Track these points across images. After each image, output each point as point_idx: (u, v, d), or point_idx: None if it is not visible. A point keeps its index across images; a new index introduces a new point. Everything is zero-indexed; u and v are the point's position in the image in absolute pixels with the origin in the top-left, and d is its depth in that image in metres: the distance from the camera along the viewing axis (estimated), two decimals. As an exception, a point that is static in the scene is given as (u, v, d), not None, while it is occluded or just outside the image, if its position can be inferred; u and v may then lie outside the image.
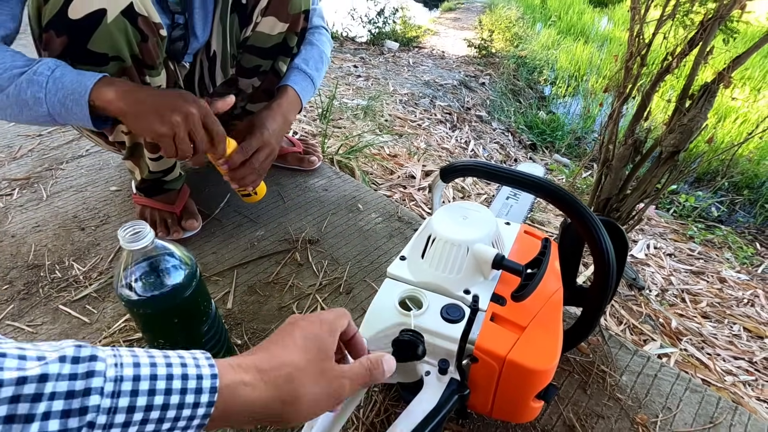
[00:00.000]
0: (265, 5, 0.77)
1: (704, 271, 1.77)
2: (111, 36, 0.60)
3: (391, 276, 0.56)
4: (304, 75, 0.85)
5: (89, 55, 0.60)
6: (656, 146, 1.29)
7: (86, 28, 0.58)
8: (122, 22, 0.60)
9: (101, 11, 0.58)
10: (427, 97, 2.93)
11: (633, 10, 1.31)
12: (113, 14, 0.59)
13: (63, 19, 0.57)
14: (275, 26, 0.79)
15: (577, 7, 5.97)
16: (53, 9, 0.56)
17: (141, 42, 0.64)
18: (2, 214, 0.91)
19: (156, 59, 0.68)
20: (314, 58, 0.87)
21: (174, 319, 0.49)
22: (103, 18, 0.58)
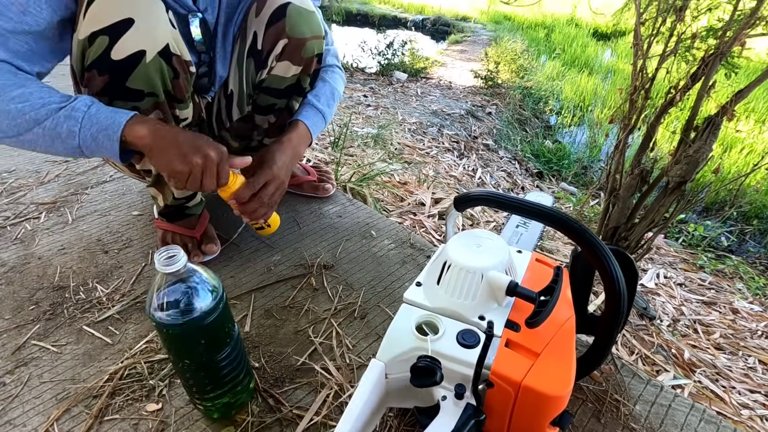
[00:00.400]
0: (280, 51, 0.80)
1: (716, 302, 1.76)
2: (148, 75, 0.65)
3: (407, 301, 0.57)
4: (316, 110, 0.88)
5: (127, 92, 0.66)
6: (663, 176, 1.31)
7: (126, 68, 0.63)
8: (159, 61, 0.65)
9: (141, 52, 0.63)
10: (435, 126, 3.00)
11: (636, 46, 1.36)
12: (151, 55, 0.64)
13: (106, 60, 0.62)
14: (289, 69, 0.82)
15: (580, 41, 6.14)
16: (97, 51, 0.61)
17: (173, 79, 0.69)
18: (30, 236, 0.94)
19: (185, 94, 0.73)
20: (326, 95, 0.90)
21: (201, 340, 0.51)
22: (142, 58, 0.63)
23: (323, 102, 0.89)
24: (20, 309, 0.76)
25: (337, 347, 0.71)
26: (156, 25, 0.63)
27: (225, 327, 0.53)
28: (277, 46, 0.80)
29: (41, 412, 0.61)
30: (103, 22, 0.60)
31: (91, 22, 0.60)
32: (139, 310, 0.77)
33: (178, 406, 0.62)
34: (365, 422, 0.51)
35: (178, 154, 0.63)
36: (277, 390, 0.64)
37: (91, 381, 0.65)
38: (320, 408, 0.62)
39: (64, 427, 0.59)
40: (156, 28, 0.63)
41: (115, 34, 0.60)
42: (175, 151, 0.63)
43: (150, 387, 0.64)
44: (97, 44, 0.61)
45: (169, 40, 0.65)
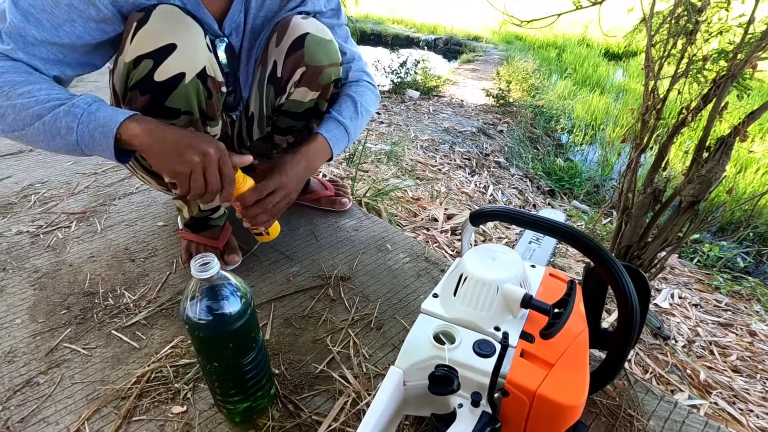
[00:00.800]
0: (298, 78, 0.84)
1: (733, 324, 1.73)
2: (187, 95, 0.70)
3: (425, 312, 0.60)
4: (337, 123, 0.88)
5: (166, 110, 0.70)
6: (676, 195, 1.32)
7: (167, 89, 0.68)
8: (196, 83, 0.70)
9: (181, 74, 0.68)
10: (447, 143, 3.04)
11: (647, 68, 1.39)
12: (190, 77, 0.69)
13: (149, 81, 0.67)
14: (307, 95, 0.86)
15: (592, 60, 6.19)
16: (142, 73, 0.66)
17: (207, 98, 0.74)
18: (61, 244, 0.99)
19: (216, 112, 0.78)
20: (349, 109, 0.90)
21: (229, 343, 0.53)
22: (182, 80, 0.68)
23: (346, 116, 0.89)
24: (53, 313, 0.80)
25: (355, 356, 0.74)
26: (196, 50, 0.68)
27: (252, 332, 0.56)
28: (295, 74, 0.84)
29: (73, 411, 0.63)
30: (149, 47, 0.65)
31: (138, 46, 0.65)
32: (165, 317, 0.80)
33: (202, 409, 0.64)
34: (383, 428, 0.52)
35: (175, 153, 0.63)
36: (296, 396, 0.66)
37: (120, 383, 0.67)
38: (338, 415, 0.64)
39: (94, 426, 0.61)
40: (196, 53, 0.68)
41: (159, 58, 0.66)
42: (171, 151, 0.63)
43: (175, 390, 0.66)
44: (141, 67, 0.66)
45: (206, 63, 0.70)
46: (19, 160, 1.36)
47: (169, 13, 0.66)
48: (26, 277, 0.89)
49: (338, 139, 0.87)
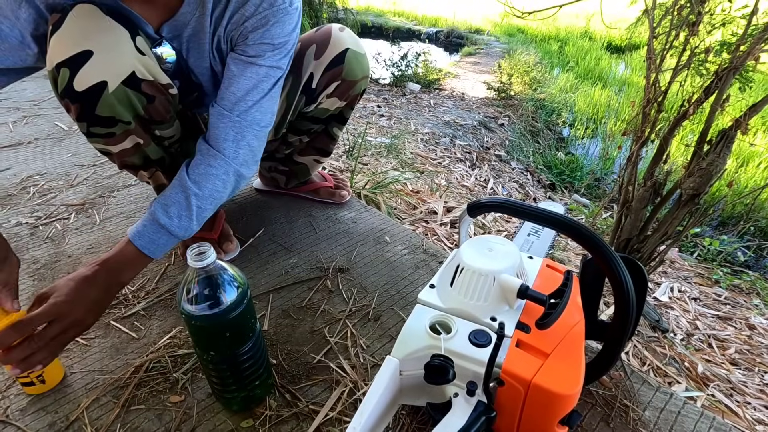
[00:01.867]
0: (332, 91, 0.86)
1: (732, 317, 1.73)
2: (112, 105, 0.66)
3: (421, 302, 0.60)
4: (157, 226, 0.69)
5: (98, 119, 0.68)
6: (676, 189, 1.32)
7: (91, 98, 0.64)
8: (123, 91, 0.66)
9: (102, 83, 0.63)
10: (448, 136, 3.03)
11: (649, 60, 1.38)
12: (114, 85, 0.64)
13: (71, 90, 0.63)
14: (335, 104, 0.88)
15: (594, 54, 6.15)
16: (63, 82, 0.62)
17: (147, 104, 0.70)
18: (60, 235, 0.99)
19: (165, 114, 0.74)
20: (178, 205, 0.70)
21: (226, 333, 0.54)
22: (105, 89, 0.64)
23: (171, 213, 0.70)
24: (52, 303, 0.80)
25: (352, 347, 0.74)
26: (117, 56, 0.63)
27: (249, 322, 0.56)
28: (330, 87, 0.85)
29: (72, 400, 0.64)
30: (63, 55, 0.60)
31: (54, 53, 0.61)
32: (163, 308, 0.81)
33: (199, 399, 0.64)
34: (379, 417, 0.53)
35: None
36: (293, 386, 0.67)
37: (118, 373, 0.68)
38: (335, 404, 0.64)
39: (93, 415, 0.62)
40: (117, 59, 0.63)
41: (75, 66, 0.61)
42: None
43: (173, 380, 0.67)
44: (61, 75, 0.62)
45: (135, 67, 0.65)
46: (17, 152, 1.36)
47: (87, 14, 0.61)
48: (25, 268, 0.89)
49: (156, 241, 0.69)
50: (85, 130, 0.70)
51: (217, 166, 0.73)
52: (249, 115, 0.74)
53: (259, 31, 0.71)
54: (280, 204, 1.14)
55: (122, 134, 0.71)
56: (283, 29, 0.72)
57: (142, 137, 0.74)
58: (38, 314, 0.56)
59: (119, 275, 0.67)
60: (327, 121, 0.90)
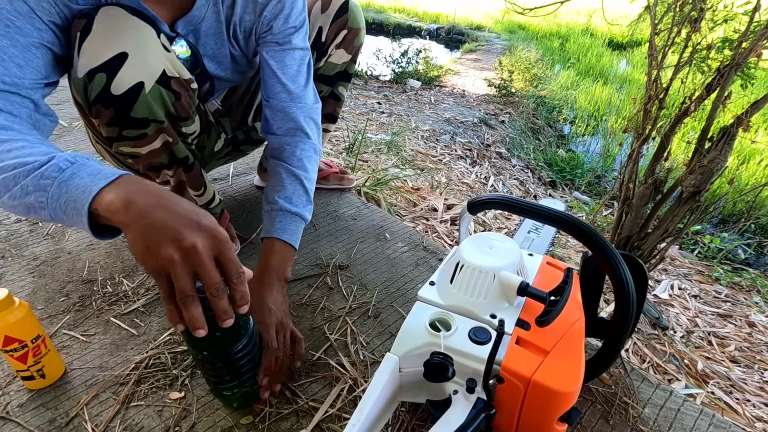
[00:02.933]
0: (341, 40, 0.89)
1: (732, 315, 1.73)
2: (150, 105, 0.66)
3: (421, 299, 0.60)
4: (291, 216, 0.76)
5: (133, 122, 0.67)
6: (677, 186, 1.32)
7: (128, 100, 0.64)
8: (157, 89, 0.66)
9: (139, 84, 0.63)
10: (448, 133, 3.02)
11: (650, 57, 1.37)
12: (150, 84, 0.64)
13: (107, 95, 0.62)
14: (342, 57, 0.91)
15: (595, 50, 6.12)
16: (98, 87, 0.61)
17: (175, 101, 0.70)
18: (60, 232, 0.99)
19: (190, 111, 0.75)
20: (297, 192, 0.78)
21: (216, 332, 0.53)
22: (142, 90, 0.64)
23: (297, 202, 0.77)
24: (52, 300, 0.81)
25: (352, 344, 0.74)
26: (149, 55, 0.63)
27: (240, 320, 0.56)
28: (338, 36, 0.88)
29: (72, 396, 0.64)
30: (98, 60, 0.60)
31: (87, 59, 0.59)
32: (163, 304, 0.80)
33: (199, 395, 0.64)
34: (378, 414, 0.53)
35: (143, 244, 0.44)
36: (293, 383, 0.67)
37: (118, 369, 0.68)
38: (335, 401, 0.64)
39: (93, 411, 0.62)
40: (150, 58, 0.63)
41: (112, 70, 0.61)
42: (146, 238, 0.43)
43: (173, 376, 0.67)
44: (96, 81, 0.61)
45: (165, 65, 0.65)
46: (17, 149, 1.36)
47: (114, 16, 0.60)
48: (25, 264, 0.89)
49: (296, 232, 0.77)
50: (115, 135, 0.68)
51: (308, 149, 0.81)
52: (306, 98, 0.82)
53: (279, 17, 0.76)
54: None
55: (154, 134, 0.71)
56: (297, 7, 0.77)
57: (171, 135, 0.74)
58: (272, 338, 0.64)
59: (284, 273, 0.73)
60: (333, 81, 0.94)
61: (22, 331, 0.60)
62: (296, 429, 0.60)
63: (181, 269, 0.43)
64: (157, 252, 0.43)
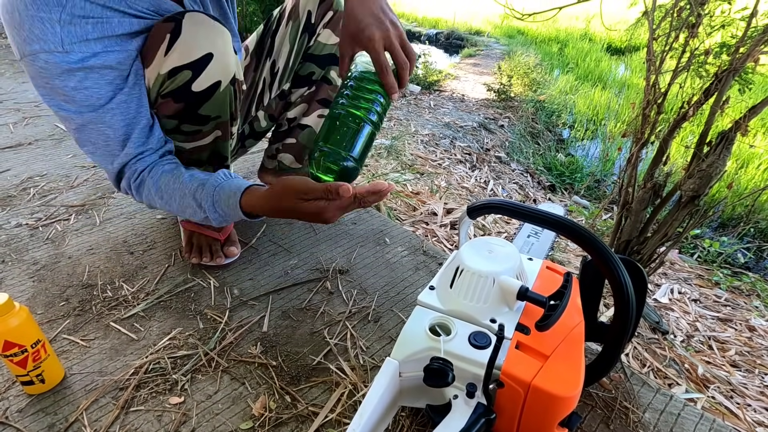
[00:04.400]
0: (328, 20, 0.91)
1: (732, 319, 1.73)
2: (222, 102, 0.72)
3: (421, 304, 0.60)
4: None
5: (197, 117, 0.73)
6: (676, 190, 1.32)
7: (203, 98, 0.70)
8: (230, 89, 0.72)
9: (217, 83, 0.69)
10: (448, 138, 3.03)
11: (648, 62, 1.38)
12: (225, 84, 0.70)
13: (186, 91, 0.68)
14: (330, 37, 0.93)
15: (594, 55, 6.15)
16: (179, 83, 0.67)
17: (234, 101, 0.76)
18: (60, 237, 0.99)
19: (239, 112, 0.81)
20: None
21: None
22: (218, 89, 0.70)
23: None
24: (51, 305, 0.81)
25: (352, 348, 0.74)
26: (229, 58, 0.69)
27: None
28: (325, 17, 0.91)
29: (71, 401, 0.64)
30: (187, 58, 0.65)
31: (176, 58, 0.65)
32: (163, 309, 0.80)
33: (199, 400, 0.64)
34: (378, 419, 0.53)
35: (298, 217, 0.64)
36: (293, 387, 0.66)
37: (118, 374, 0.68)
38: (335, 406, 0.64)
39: (92, 417, 0.62)
40: (229, 60, 0.70)
41: (198, 69, 0.66)
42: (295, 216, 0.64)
43: (173, 381, 0.67)
44: (180, 78, 0.67)
45: (236, 69, 0.72)
46: (17, 153, 1.36)
47: (201, 21, 0.66)
48: (25, 269, 0.89)
49: None
50: (171, 127, 0.74)
51: None
52: None
53: None
54: (280, 205, 1.14)
55: (208, 131, 0.76)
56: None
57: (224, 132, 0.78)
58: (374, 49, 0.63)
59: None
60: (324, 64, 0.96)
61: (22, 335, 0.60)
62: (296, 434, 0.60)
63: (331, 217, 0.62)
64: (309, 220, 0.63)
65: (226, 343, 0.74)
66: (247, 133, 1.05)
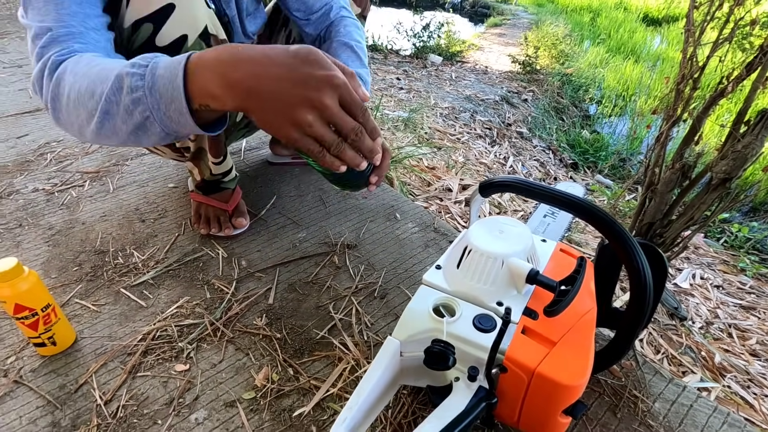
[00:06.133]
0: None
1: (756, 307, 1.67)
2: None
3: (426, 283, 0.58)
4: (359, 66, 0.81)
5: None
6: (706, 172, 1.25)
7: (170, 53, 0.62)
8: (200, 44, 0.66)
9: (183, 37, 0.64)
10: (468, 111, 2.94)
11: (687, 32, 1.28)
12: (193, 38, 0.65)
13: (151, 46, 0.64)
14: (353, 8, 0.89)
15: (628, 26, 5.81)
16: (143, 38, 0.63)
17: None
18: (75, 202, 1.00)
19: None
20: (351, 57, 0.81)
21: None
22: (185, 43, 0.65)
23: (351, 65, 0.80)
24: (65, 269, 0.82)
25: (356, 324, 0.73)
26: (195, 9, 0.64)
27: None
28: None
29: (81, 364, 0.66)
30: (146, 9, 0.61)
31: (136, 9, 0.61)
32: (172, 277, 0.81)
33: (204, 369, 0.65)
34: (378, 396, 0.52)
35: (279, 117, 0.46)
36: (296, 360, 0.67)
37: (126, 340, 0.69)
38: (336, 380, 0.64)
39: (101, 380, 0.63)
40: (195, 11, 0.64)
41: (159, 21, 0.62)
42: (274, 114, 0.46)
43: (179, 349, 0.68)
44: (142, 31, 0.62)
45: (207, 21, 0.66)
46: (36, 119, 1.38)
47: None
48: (41, 233, 0.91)
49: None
50: None
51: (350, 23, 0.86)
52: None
53: None
54: (291, 177, 1.12)
55: None
56: None
57: None
58: None
59: None
60: None
61: (32, 299, 0.61)
62: (297, 406, 0.61)
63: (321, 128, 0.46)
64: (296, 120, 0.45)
65: (232, 313, 0.74)
66: None
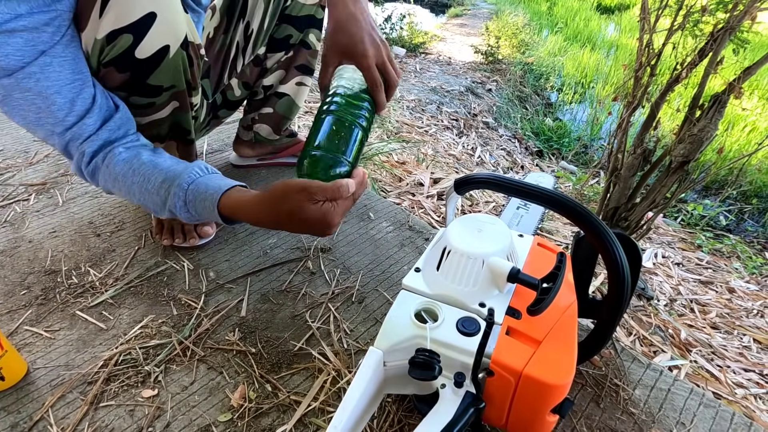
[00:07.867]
0: None
1: (713, 281, 1.76)
2: (174, 69, 0.63)
3: (406, 288, 0.56)
4: None
5: (146, 88, 0.63)
6: (665, 156, 1.29)
7: (151, 66, 0.61)
8: (181, 54, 0.62)
9: (165, 48, 0.60)
10: (434, 103, 2.94)
11: (643, 20, 1.31)
12: (174, 48, 0.61)
13: (129, 58, 0.58)
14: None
15: (583, 14, 5.99)
16: (120, 49, 0.58)
17: (190, 67, 0.67)
18: (20, 219, 0.92)
19: (198, 80, 0.71)
20: None
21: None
22: (167, 54, 0.60)
23: None
24: (11, 294, 0.75)
25: (335, 332, 0.71)
26: (176, 16, 0.60)
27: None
28: None
29: (35, 398, 0.60)
30: (126, 20, 0.56)
31: (112, 19, 0.56)
32: (134, 295, 0.76)
33: (174, 392, 0.61)
34: (363, 410, 0.50)
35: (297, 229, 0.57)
36: (274, 375, 0.63)
37: (86, 367, 0.64)
38: (318, 393, 0.61)
39: (59, 414, 0.58)
40: (177, 20, 0.60)
41: (140, 31, 0.57)
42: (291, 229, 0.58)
43: (145, 373, 0.63)
44: (120, 43, 0.57)
45: (187, 29, 0.62)
46: (-31, 128, 1.26)
47: None
48: (-19, 255, 0.82)
49: None
50: None
51: None
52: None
53: None
54: (257, 179, 1.08)
55: (163, 103, 0.67)
56: None
57: (183, 103, 0.69)
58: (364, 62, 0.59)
59: None
60: (302, 27, 0.91)
61: None
62: (278, 425, 0.58)
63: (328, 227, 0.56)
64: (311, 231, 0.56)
65: (201, 330, 0.70)
66: (219, 102, 0.97)
